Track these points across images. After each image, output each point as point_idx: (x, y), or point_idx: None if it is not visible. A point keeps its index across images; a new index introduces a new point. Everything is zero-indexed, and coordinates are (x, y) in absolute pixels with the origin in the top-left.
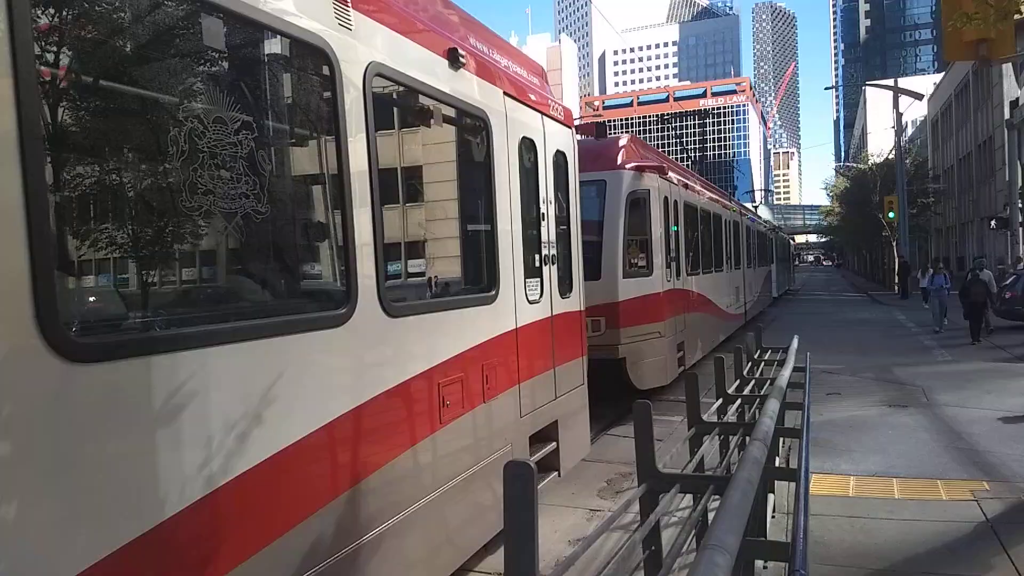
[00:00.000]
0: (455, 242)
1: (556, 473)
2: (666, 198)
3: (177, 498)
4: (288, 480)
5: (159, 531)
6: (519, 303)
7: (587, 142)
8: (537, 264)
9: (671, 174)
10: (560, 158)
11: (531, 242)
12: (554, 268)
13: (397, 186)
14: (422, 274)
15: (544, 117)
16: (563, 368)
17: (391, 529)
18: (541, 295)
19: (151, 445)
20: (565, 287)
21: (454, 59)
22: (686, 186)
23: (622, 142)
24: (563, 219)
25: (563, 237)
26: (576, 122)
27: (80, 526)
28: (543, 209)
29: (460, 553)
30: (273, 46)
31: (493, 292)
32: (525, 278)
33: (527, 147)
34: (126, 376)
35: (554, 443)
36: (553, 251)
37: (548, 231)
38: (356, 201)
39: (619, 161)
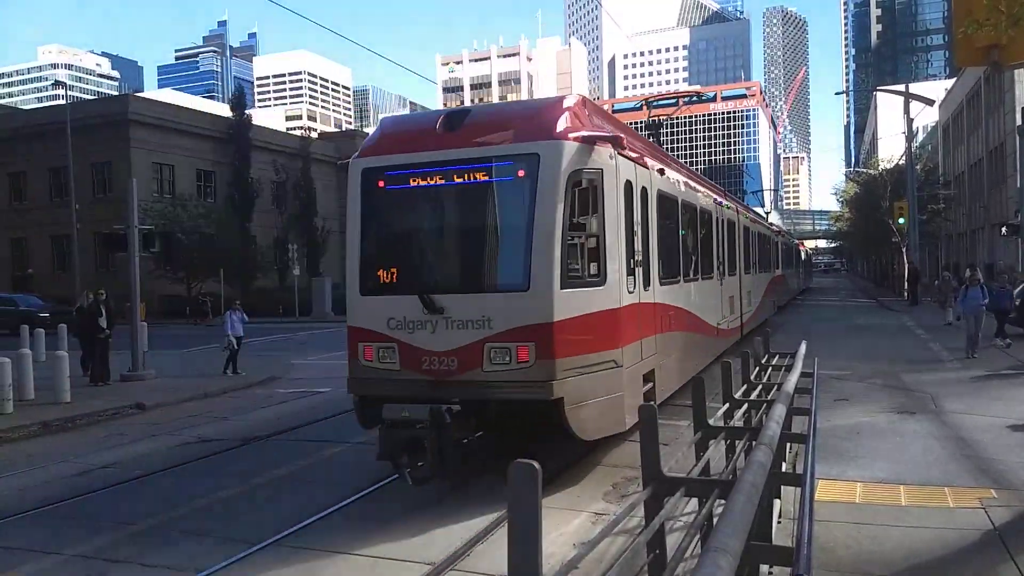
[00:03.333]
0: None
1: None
2: (799, 248)
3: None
4: (776, 283)
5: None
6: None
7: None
8: (630, 266)
9: (808, 242)
10: (644, 193)
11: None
12: (640, 270)
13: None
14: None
15: (616, 152)
16: None
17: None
18: (635, 286)
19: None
20: (648, 282)
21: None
22: (803, 242)
23: (774, 218)
24: (642, 227)
25: (644, 249)
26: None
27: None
28: (645, 222)
29: (765, 312)
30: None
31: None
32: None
33: (627, 188)
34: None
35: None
36: (647, 257)
37: (645, 240)
38: (719, 241)
39: (778, 230)
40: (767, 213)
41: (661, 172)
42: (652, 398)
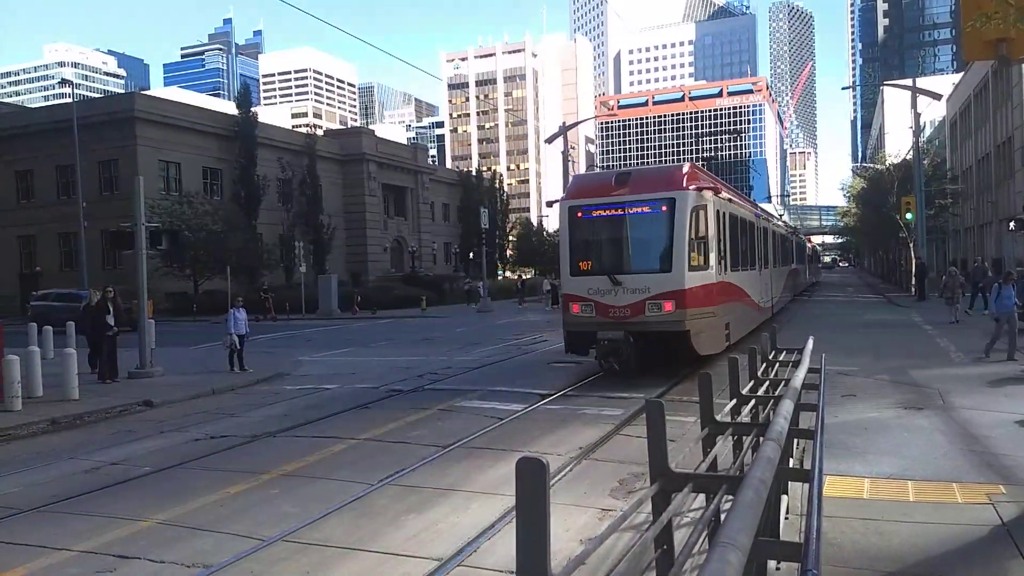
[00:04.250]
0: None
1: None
2: (814, 248)
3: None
4: (793, 275)
5: (793, 273)
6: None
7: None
8: (719, 260)
9: (815, 238)
10: (724, 215)
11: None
12: (722, 262)
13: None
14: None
15: (714, 196)
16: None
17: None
18: (720, 272)
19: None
20: (727, 267)
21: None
22: (810, 238)
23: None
24: (723, 238)
25: (724, 249)
26: (590, 121)
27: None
28: (724, 235)
29: (785, 299)
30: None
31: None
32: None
33: (717, 214)
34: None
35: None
36: (725, 254)
37: (723, 245)
38: (758, 243)
39: (793, 230)
40: (781, 215)
41: (730, 201)
42: (729, 339)
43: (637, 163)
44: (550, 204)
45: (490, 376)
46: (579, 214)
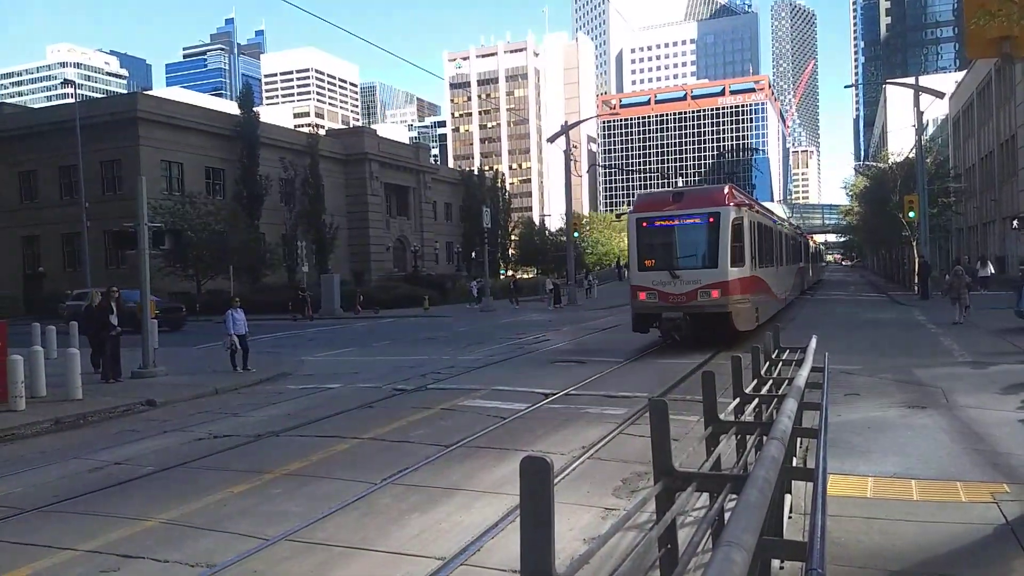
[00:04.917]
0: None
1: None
2: (817, 247)
3: (793, 277)
4: (800, 273)
5: (801, 270)
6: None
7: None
8: (750, 259)
9: (817, 236)
10: (754, 224)
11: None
12: (754, 260)
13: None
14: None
15: (747, 210)
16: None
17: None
18: (752, 268)
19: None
20: (756, 265)
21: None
22: (813, 236)
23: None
24: (753, 242)
25: (755, 251)
26: (592, 120)
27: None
28: (753, 240)
29: (794, 294)
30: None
31: (769, 265)
32: (754, 261)
33: (750, 224)
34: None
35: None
36: (755, 255)
37: (753, 248)
38: (776, 246)
39: (800, 232)
40: (789, 216)
41: (758, 212)
42: (758, 320)
43: (639, 162)
44: (619, 216)
45: (493, 375)
46: (644, 224)
